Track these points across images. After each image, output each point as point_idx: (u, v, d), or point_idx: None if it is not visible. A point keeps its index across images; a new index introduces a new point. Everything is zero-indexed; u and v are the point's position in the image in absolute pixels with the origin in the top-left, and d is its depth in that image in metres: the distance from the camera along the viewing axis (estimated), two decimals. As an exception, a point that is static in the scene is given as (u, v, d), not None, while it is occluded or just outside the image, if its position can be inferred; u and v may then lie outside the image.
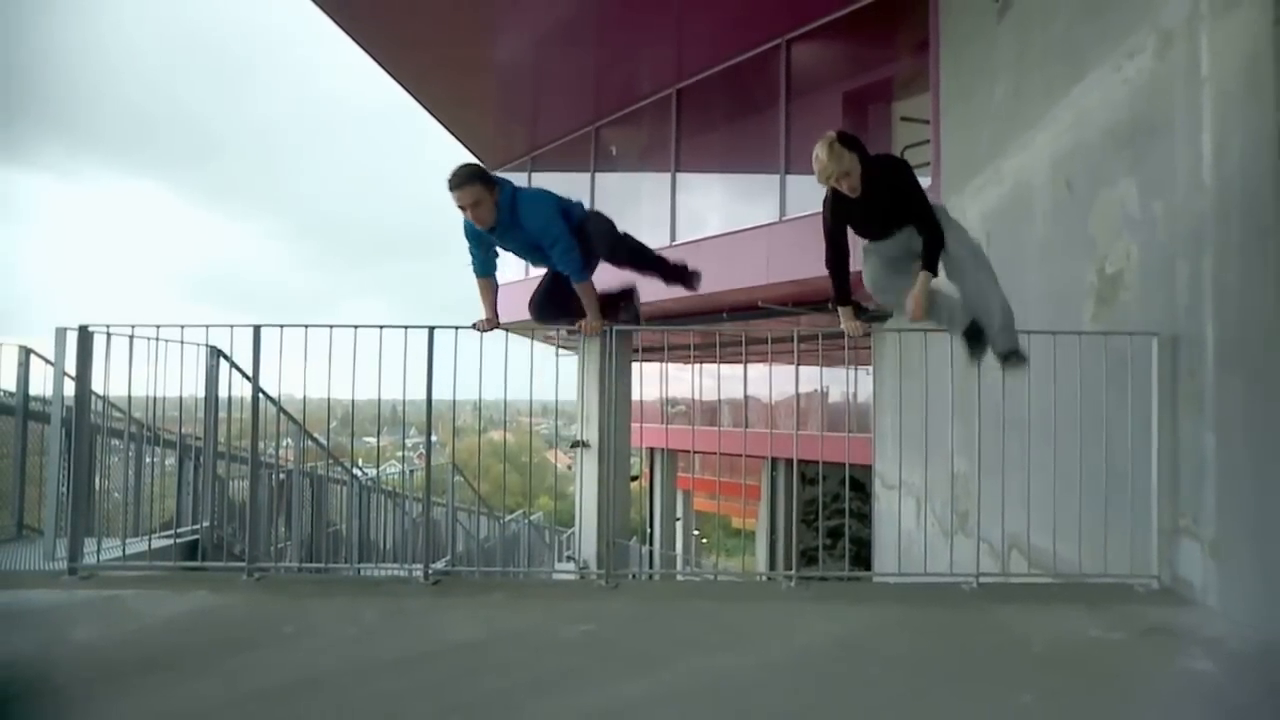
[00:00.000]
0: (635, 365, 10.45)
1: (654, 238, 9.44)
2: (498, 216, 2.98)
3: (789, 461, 9.55)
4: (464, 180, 2.92)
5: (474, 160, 13.23)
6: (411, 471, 6.53)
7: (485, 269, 3.24)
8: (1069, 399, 3.21)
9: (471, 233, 3.11)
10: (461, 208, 2.94)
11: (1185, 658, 2.31)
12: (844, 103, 8.04)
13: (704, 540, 19.55)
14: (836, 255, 2.95)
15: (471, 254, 3.19)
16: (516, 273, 12.40)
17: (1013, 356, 2.88)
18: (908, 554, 4.87)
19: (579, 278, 3.15)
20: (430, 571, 3.20)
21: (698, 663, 2.28)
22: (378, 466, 6.65)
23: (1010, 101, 4.55)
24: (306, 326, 3.24)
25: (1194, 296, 2.84)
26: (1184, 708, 1.98)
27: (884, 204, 2.81)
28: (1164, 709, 1.95)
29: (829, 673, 2.22)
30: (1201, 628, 2.55)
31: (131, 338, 3.30)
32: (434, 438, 3.52)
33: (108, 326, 3.25)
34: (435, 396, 3.25)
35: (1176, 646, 2.40)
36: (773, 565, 13.22)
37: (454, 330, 3.24)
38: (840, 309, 2.95)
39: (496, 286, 3.32)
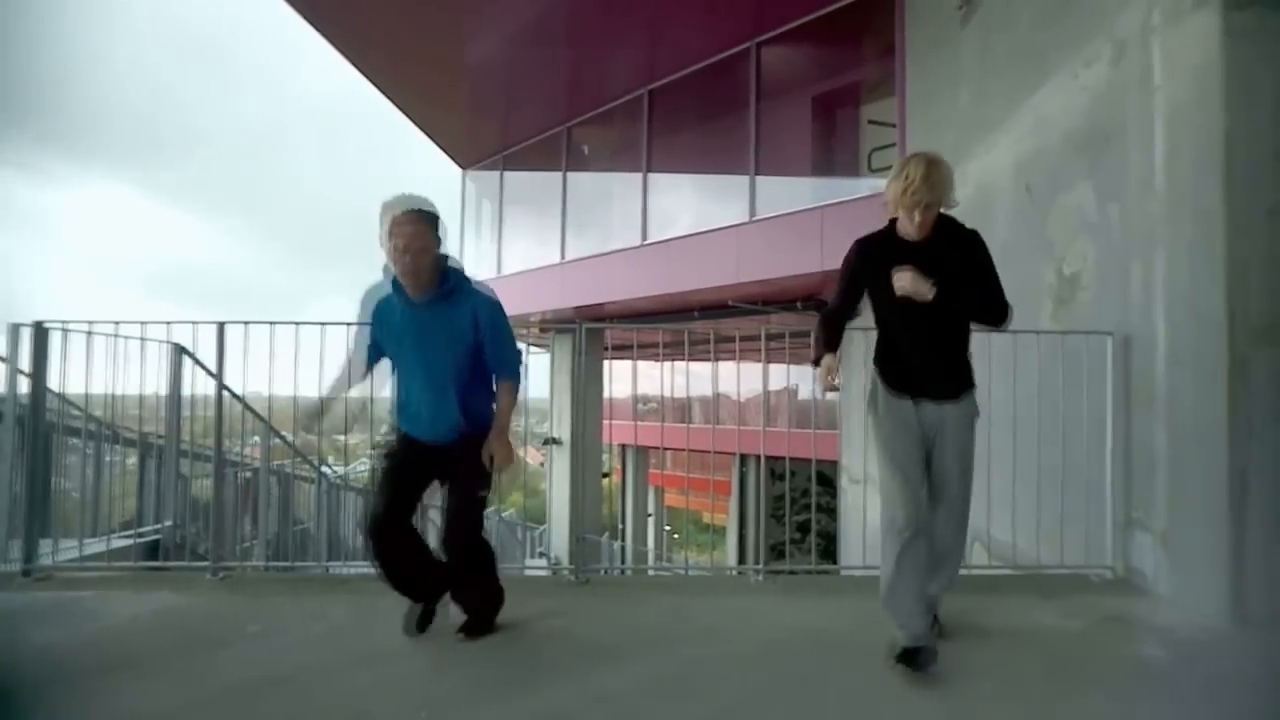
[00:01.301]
0: (606, 363, 10.47)
1: (625, 237, 9.48)
2: (436, 288, 2.31)
3: (759, 457, 9.64)
4: (425, 215, 2.25)
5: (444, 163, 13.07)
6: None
7: (370, 360, 2.50)
8: (1028, 396, 3.30)
9: (379, 310, 2.39)
10: (400, 248, 2.21)
11: (1138, 645, 2.40)
12: (813, 106, 8.15)
13: (675, 536, 19.65)
14: (845, 310, 2.36)
15: (365, 349, 2.46)
16: (489, 270, 12.35)
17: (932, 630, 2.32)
18: (874, 547, 4.96)
19: (515, 375, 2.47)
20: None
21: (666, 656, 2.31)
22: (345, 464, 6.56)
23: (974, 106, 4.66)
24: (272, 323, 3.19)
25: (1146, 297, 2.94)
26: (1136, 693, 2.05)
27: (948, 268, 2.19)
28: (1117, 695, 2.03)
29: (795, 664, 2.26)
30: (1153, 616, 2.65)
31: (89, 334, 3.23)
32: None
33: (64, 323, 3.18)
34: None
35: (1129, 634, 2.49)
36: (742, 560, 13.33)
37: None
38: (826, 357, 2.26)
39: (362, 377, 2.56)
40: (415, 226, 2.23)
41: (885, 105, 6.65)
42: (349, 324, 2.60)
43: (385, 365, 2.49)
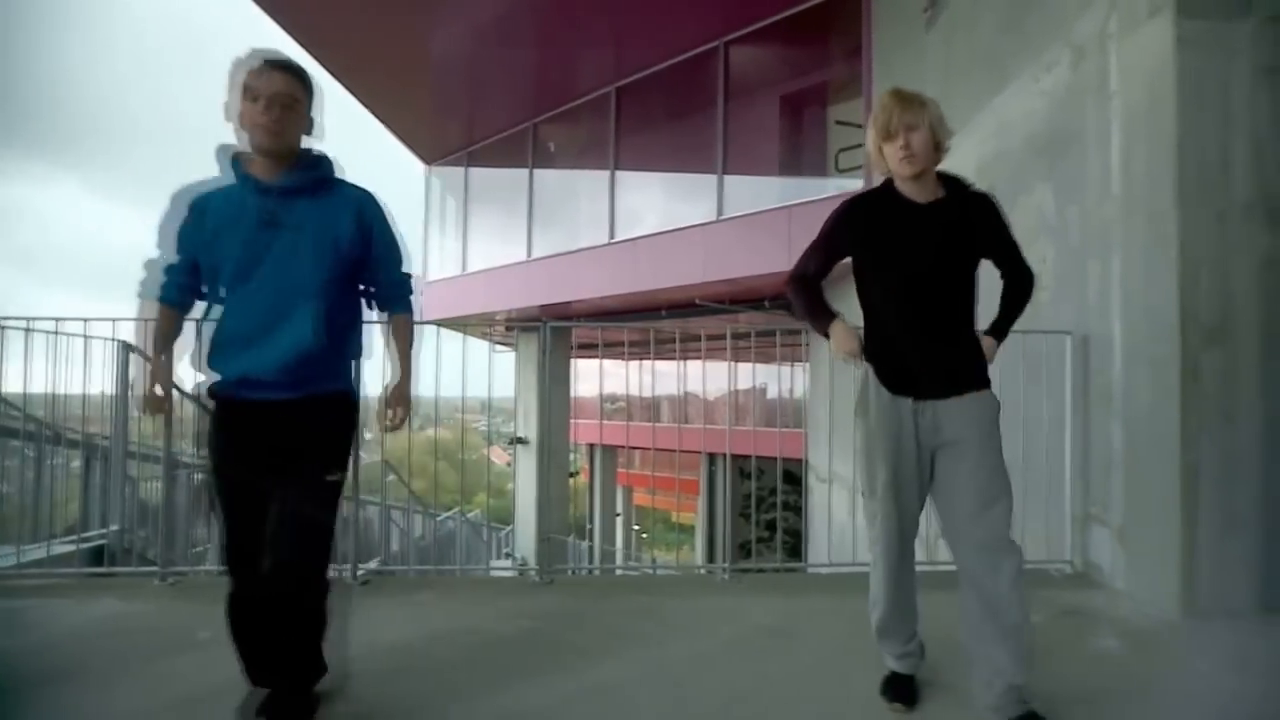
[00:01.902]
0: (574, 361, 10.41)
1: (593, 235, 9.44)
2: (301, 172, 1.72)
3: (727, 456, 9.68)
4: (295, 70, 1.70)
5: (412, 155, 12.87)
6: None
7: (179, 295, 1.80)
8: (990, 394, 3.35)
9: (206, 205, 1.72)
10: (261, 103, 1.63)
11: (1096, 637, 2.44)
12: (781, 105, 8.21)
13: (644, 535, 19.66)
14: (817, 273, 1.95)
15: (167, 273, 1.78)
16: (454, 267, 12.19)
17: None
18: (841, 545, 5.00)
19: (410, 307, 1.91)
20: (359, 571, 3.10)
21: (631, 655, 2.29)
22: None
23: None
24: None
25: (1103, 297, 3.01)
26: (1093, 684, 2.09)
27: (955, 234, 1.84)
28: (1075, 686, 2.06)
29: (760, 661, 2.26)
30: (1109, 609, 2.71)
31: (28, 330, 3.08)
32: (367, 435, 3.41)
33: (0, 320, 3.03)
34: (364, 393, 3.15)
35: (1088, 627, 2.54)
36: (711, 558, 13.39)
37: (384, 326, 3.14)
38: (837, 325, 1.88)
39: (180, 329, 1.85)
40: (284, 77, 1.66)
41: (852, 106, 6.72)
42: None
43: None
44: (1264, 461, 2.58)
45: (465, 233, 12.37)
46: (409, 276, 1.90)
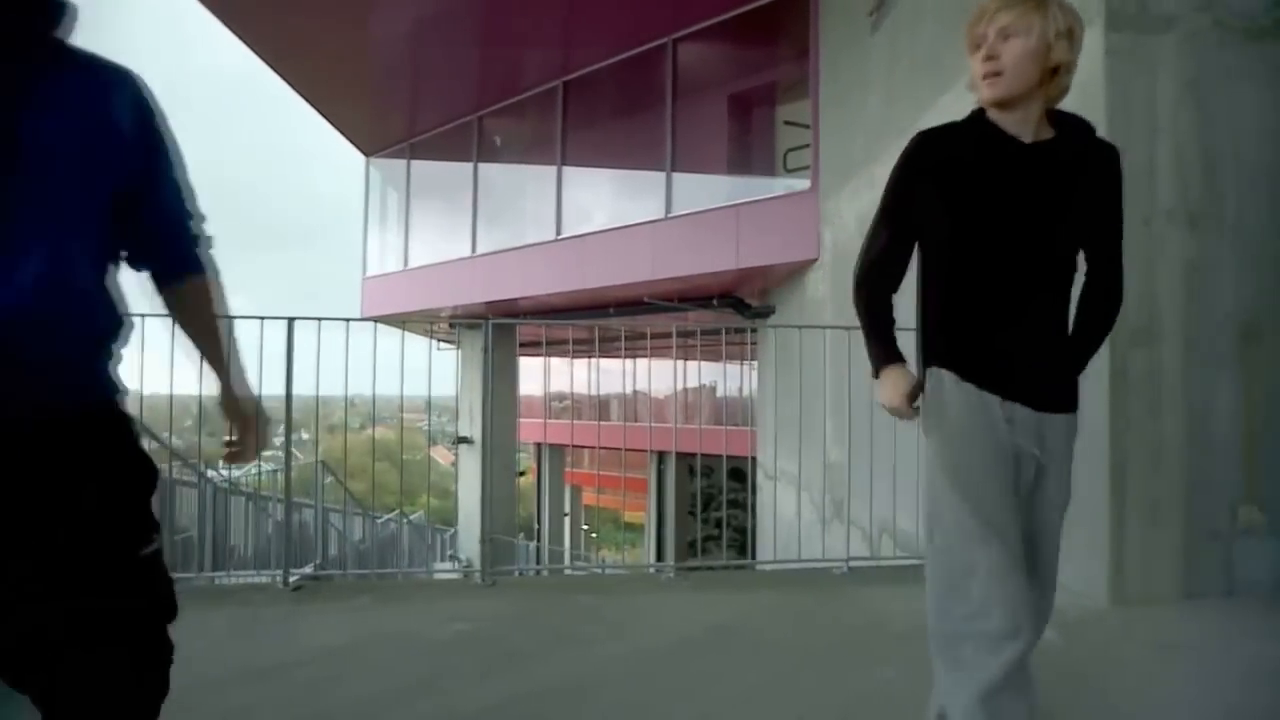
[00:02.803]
0: (522, 360, 10.28)
1: (539, 231, 9.32)
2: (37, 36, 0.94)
3: (677, 455, 9.72)
4: None
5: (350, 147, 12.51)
6: (274, 471, 6.07)
7: None
8: (932, 392, 3.42)
9: None
10: None
11: (1030, 628, 2.52)
12: (730, 104, 8.25)
13: (593, 535, 19.60)
14: (896, 253, 1.47)
15: None
16: (396, 262, 11.89)
17: None
18: (787, 542, 5.06)
19: (208, 260, 1.18)
20: (291, 577, 2.96)
21: (572, 656, 2.25)
22: (229, 467, 6.12)
23: (883, 109, 4.81)
24: (144, 315, 2.90)
25: (1039, 297, 3.10)
26: (1032, 673, 2.15)
27: (1068, 188, 1.39)
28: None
29: (702, 659, 2.25)
30: (1043, 600, 2.79)
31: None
32: (304, 435, 3.28)
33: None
34: (299, 392, 3.03)
35: (1023, 618, 2.61)
36: (660, 557, 13.43)
37: (316, 322, 3.02)
38: (892, 371, 1.43)
39: None
40: None
41: (800, 107, 6.80)
42: (232, 317, 1.29)
43: None
44: (1186, 455, 2.71)
45: (407, 227, 12.07)
46: (202, 218, 1.17)
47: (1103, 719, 1.95)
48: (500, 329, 6.98)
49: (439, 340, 12.46)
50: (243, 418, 1.18)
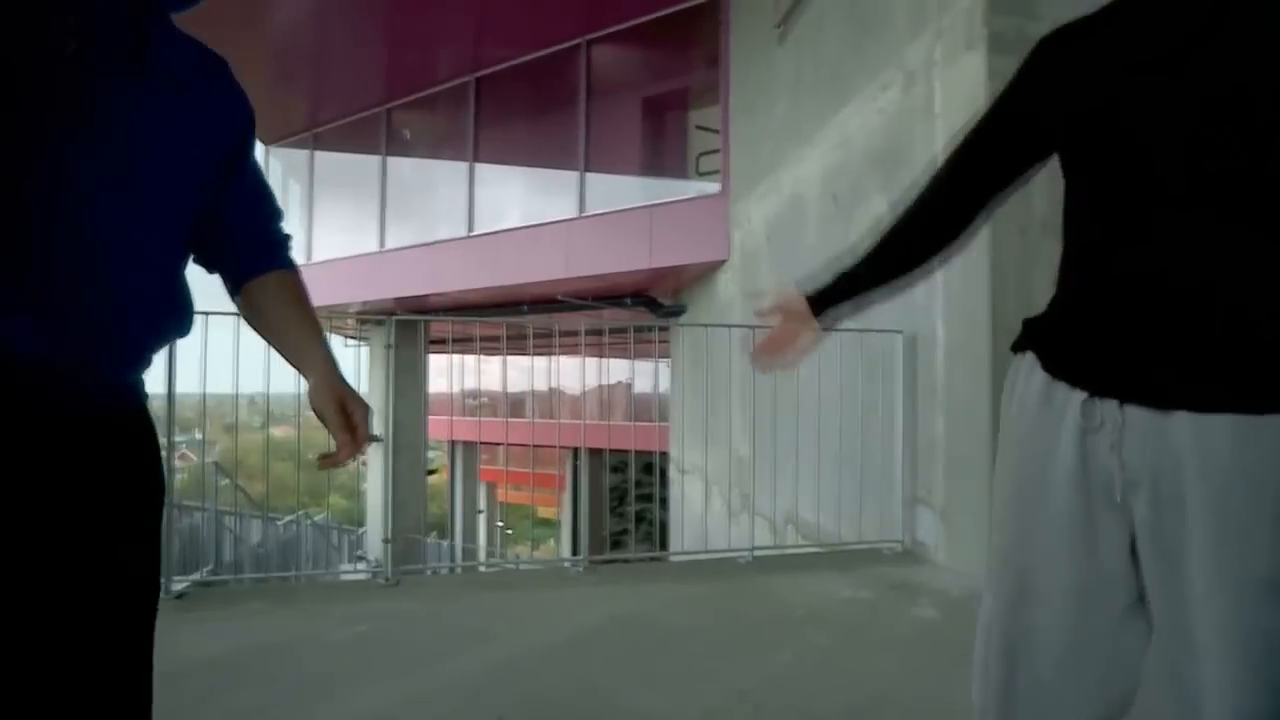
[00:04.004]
0: (433, 357, 10.04)
1: (451, 228, 9.13)
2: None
3: (591, 451, 9.75)
4: None
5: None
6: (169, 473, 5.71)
7: None
8: (832, 389, 3.61)
9: None
10: None
11: (917, 608, 2.71)
12: (643, 107, 8.35)
13: (509, 532, 19.34)
14: (960, 170, 1.02)
15: None
16: (299, 255, 11.36)
17: None
18: (697, 533, 5.19)
19: (289, 260, 1.15)
20: (175, 585, 2.81)
21: (476, 653, 2.25)
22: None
23: (788, 118, 5.01)
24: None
25: (929, 299, 3.33)
26: (912, 650, 2.32)
27: (1249, 74, 0.74)
28: (896, 653, 2.28)
29: (607, 650, 2.29)
30: (932, 581, 3.01)
31: None
32: (198, 435, 3.11)
33: None
34: (187, 390, 2.88)
35: (911, 599, 2.81)
36: (576, 551, 13.43)
37: (203, 316, 2.86)
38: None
39: None
40: None
41: (711, 112, 6.96)
42: None
43: None
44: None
45: (310, 220, 11.54)
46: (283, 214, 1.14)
47: None
48: (408, 325, 6.81)
49: (345, 337, 12.00)
50: (361, 404, 1.07)
